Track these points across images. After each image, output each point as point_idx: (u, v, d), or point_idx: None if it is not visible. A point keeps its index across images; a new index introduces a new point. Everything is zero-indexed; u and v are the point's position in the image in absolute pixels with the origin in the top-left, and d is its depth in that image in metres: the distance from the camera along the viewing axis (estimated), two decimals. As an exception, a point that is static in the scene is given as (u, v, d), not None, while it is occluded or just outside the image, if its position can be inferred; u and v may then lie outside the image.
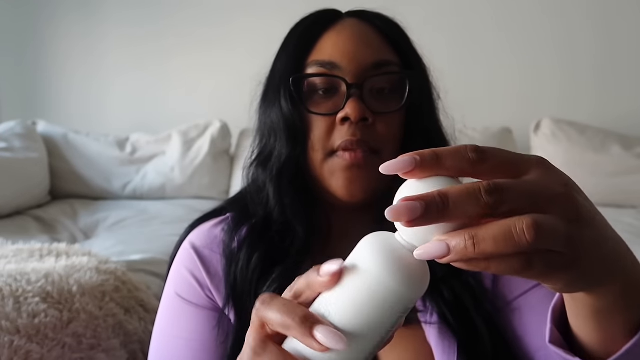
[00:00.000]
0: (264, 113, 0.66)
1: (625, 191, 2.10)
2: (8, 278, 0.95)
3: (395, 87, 0.61)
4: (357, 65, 0.60)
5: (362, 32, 0.62)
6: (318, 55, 0.61)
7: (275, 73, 0.65)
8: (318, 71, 0.60)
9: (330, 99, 0.60)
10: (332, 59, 0.60)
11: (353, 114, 0.57)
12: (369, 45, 0.61)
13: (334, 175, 0.60)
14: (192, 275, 0.64)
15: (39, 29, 2.66)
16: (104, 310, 1.01)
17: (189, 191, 2.29)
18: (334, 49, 0.61)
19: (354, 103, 0.58)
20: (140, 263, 1.45)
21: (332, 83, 0.60)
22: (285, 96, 0.61)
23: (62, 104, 2.71)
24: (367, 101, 0.59)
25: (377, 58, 0.61)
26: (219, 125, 2.35)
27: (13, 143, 2.11)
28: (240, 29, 2.49)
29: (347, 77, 0.59)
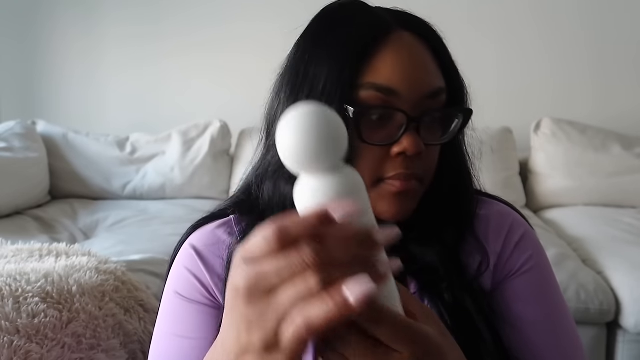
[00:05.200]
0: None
1: (625, 191, 2.10)
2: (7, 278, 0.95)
3: (446, 117, 0.58)
4: (416, 94, 0.55)
5: (419, 53, 0.57)
6: (374, 76, 0.54)
7: (311, 80, 0.57)
8: (375, 96, 0.54)
9: (384, 128, 0.55)
10: (391, 85, 0.54)
11: (411, 149, 0.54)
12: (427, 70, 0.56)
13: (381, 200, 0.56)
14: (192, 274, 0.62)
15: (38, 29, 2.66)
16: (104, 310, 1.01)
17: (189, 191, 2.29)
18: (393, 73, 0.54)
19: (413, 138, 0.54)
20: (140, 263, 1.45)
21: (388, 109, 0.55)
22: (341, 104, 0.54)
23: (61, 103, 2.71)
24: (422, 133, 0.55)
25: (434, 85, 0.56)
26: (219, 125, 2.35)
27: (13, 143, 2.11)
28: (240, 29, 2.49)
29: (406, 107, 0.54)
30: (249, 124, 2.39)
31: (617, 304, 1.53)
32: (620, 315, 1.52)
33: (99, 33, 2.64)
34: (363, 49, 0.55)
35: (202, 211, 0.72)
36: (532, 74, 2.38)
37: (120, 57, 2.63)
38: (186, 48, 2.55)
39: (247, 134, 2.36)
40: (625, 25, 2.33)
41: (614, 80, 2.35)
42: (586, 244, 1.79)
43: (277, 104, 0.59)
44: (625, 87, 2.35)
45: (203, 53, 2.54)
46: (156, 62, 2.60)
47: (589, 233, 1.86)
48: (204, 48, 2.54)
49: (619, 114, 2.33)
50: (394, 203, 0.56)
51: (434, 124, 0.57)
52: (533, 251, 0.64)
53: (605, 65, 2.35)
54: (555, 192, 2.15)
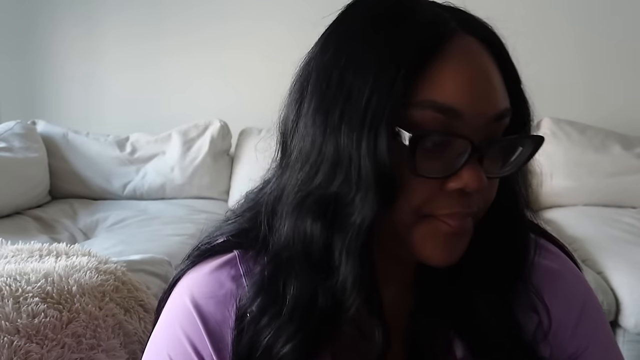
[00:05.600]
0: (320, 134, 0.45)
1: (625, 191, 2.10)
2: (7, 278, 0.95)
3: (510, 144, 0.48)
4: (482, 117, 0.44)
5: (486, 64, 0.46)
6: (434, 91, 0.43)
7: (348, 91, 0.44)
8: (433, 118, 0.43)
9: (440, 156, 0.44)
10: (454, 104, 0.43)
11: (472, 185, 0.43)
12: (494, 86, 0.45)
13: (429, 240, 0.46)
14: (190, 343, 0.50)
15: (38, 29, 2.66)
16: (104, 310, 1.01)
17: (189, 191, 2.29)
18: (457, 89, 0.43)
19: (475, 172, 0.43)
20: (140, 263, 1.45)
21: (446, 133, 0.44)
22: (385, 142, 0.42)
23: (61, 103, 2.71)
24: (484, 164, 0.44)
25: (500, 106, 0.45)
26: (219, 125, 2.35)
27: (12, 143, 2.11)
28: (240, 29, 2.49)
29: (468, 132, 0.43)
30: (249, 124, 2.39)
31: (617, 304, 1.53)
32: (620, 315, 1.53)
33: (99, 33, 2.64)
34: (421, 56, 0.43)
35: (202, 211, 0.69)
36: (532, 74, 2.38)
37: (121, 57, 2.63)
38: (186, 48, 2.55)
39: (247, 133, 2.36)
40: (627, 24, 2.33)
41: (614, 80, 2.35)
42: (586, 244, 1.79)
43: (297, 116, 0.47)
44: (625, 87, 2.35)
45: (203, 53, 2.54)
46: (156, 62, 2.60)
47: (589, 233, 1.86)
48: (204, 48, 2.54)
49: (619, 114, 2.33)
50: (445, 246, 0.46)
51: (496, 153, 0.47)
52: (600, 325, 0.56)
53: (605, 65, 2.35)
54: (555, 192, 2.15)
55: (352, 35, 0.46)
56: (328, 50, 0.46)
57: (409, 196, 0.44)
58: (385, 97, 0.42)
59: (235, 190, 2.30)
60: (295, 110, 0.48)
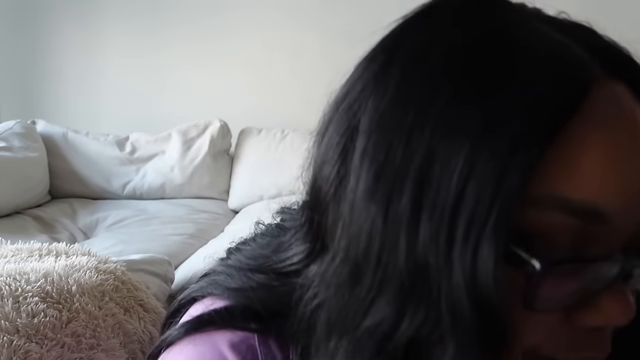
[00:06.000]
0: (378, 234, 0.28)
1: (625, 191, 2.11)
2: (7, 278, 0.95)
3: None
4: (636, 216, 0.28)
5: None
6: (567, 183, 0.27)
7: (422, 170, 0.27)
8: (564, 224, 0.27)
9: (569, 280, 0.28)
10: (600, 204, 0.27)
11: (618, 321, 0.28)
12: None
13: None
14: None
15: (37, 29, 2.66)
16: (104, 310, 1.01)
17: (189, 191, 2.29)
18: (608, 178, 0.27)
19: (623, 301, 0.28)
20: (139, 263, 1.45)
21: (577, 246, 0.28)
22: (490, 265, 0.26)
23: (61, 103, 2.71)
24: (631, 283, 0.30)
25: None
26: (219, 124, 2.35)
27: (12, 142, 2.11)
28: (240, 28, 2.49)
29: (618, 243, 0.28)
30: (249, 124, 2.39)
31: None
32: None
33: (98, 33, 2.64)
34: (547, 125, 0.26)
35: (201, 211, 0.66)
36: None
37: (120, 57, 2.63)
38: (186, 48, 2.55)
39: (247, 133, 2.36)
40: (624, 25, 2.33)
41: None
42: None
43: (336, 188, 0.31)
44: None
45: (203, 53, 2.54)
46: (156, 62, 2.60)
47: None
48: (204, 47, 2.54)
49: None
50: None
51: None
52: None
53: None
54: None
55: (426, 79, 0.28)
56: (386, 94, 0.29)
57: (521, 336, 0.29)
58: (489, 192, 0.26)
59: (235, 190, 2.30)
60: (335, 176, 0.31)
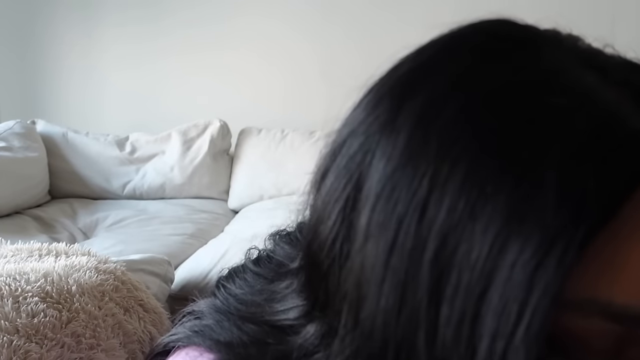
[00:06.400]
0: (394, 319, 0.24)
1: (625, 191, 2.11)
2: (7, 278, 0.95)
3: None
4: None
5: None
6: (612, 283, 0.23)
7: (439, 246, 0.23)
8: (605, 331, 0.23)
9: None
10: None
11: None
12: None
13: None
14: None
15: (38, 29, 2.66)
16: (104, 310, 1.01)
17: (189, 191, 2.29)
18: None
19: None
20: (139, 263, 1.45)
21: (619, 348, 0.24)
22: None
23: (61, 103, 2.71)
24: None
25: None
26: (219, 124, 2.35)
27: (12, 142, 2.11)
28: (240, 28, 2.49)
29: None
30: (249, 124, 2.39)
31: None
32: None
33: (99, 32, 2.64)
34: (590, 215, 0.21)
35: (201, 211, 0.66)
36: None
37: (120, 57, 2.63)
38: (186, 47, 2.55)
39: (247, 133, 2.36)
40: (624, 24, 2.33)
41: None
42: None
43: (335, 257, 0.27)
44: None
45: (203, 52, 2.54)
46: (156, 62, 2.60)
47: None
48: (204, 47, 2.54)
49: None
50: None
51: None
52: None
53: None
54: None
55: (443, 141, 0.24)
56: (394, 150, 0.25)
57: None
58: (519, 296, 0.21)
59: (234, 190, 2.30)
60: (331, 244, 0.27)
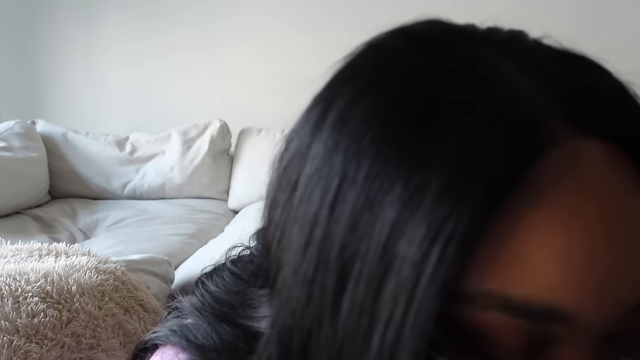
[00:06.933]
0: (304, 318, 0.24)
1: (625, 191, 2.11)
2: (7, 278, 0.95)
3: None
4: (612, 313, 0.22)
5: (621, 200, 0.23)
6: (509, 277, 0.21)
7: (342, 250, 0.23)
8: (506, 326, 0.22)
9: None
10: (555, 302, 0.21)
11: None
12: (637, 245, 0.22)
13: None
14: None
15: (37, 28, 2.66)
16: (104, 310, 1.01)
17: (189, 191, 2.29)
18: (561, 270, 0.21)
19: None
20: (139, 263, 1.45)
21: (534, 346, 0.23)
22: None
23: (61, 103, 2.71)
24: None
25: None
26: (219, 124, 2.35)
27: (12, 142, 2.11)
28: (240, 27, 2.49)
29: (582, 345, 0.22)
30: (249, 124, 2.39)
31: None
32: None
33: (98, 32, 2.64)
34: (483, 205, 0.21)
35: (201, 211, 0.65)
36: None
37: (120, 57, 2.63)
38: (186, 47, 2.55)
39: (247, 133, 2.36)
40: (624, 25, 2.33)
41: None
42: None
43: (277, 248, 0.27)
44: (625, 87, 2.35)
45: (203, 52, 2.54)
46: (156, 62, 2.60)
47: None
48: (204, 47, 2.53)
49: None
50: None
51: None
52: None
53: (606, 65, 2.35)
54: None
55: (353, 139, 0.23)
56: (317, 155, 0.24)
57: None
58: (407, 288, 0.21)
59: (234, 190, 2.30)
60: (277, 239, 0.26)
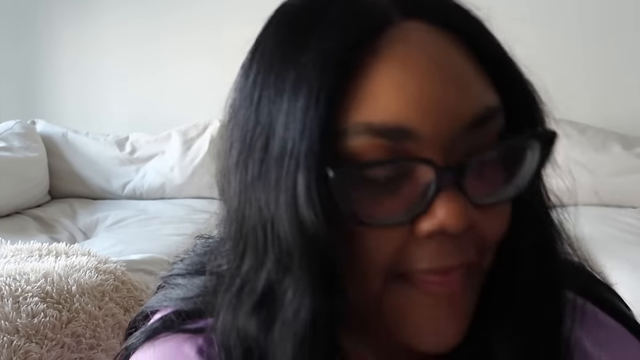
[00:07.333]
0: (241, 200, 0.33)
1: (625, 191, 2.10)
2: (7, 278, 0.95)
3: (508, 153, 0.34)
4: (449, 129, 0.31)
5: (444, 56, 0.32)
6: (367, 110, 0.30)
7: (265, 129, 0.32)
8: (373, 145, 0.30)
9: (397, 193, 0.31)
10: (401, 122, 0.30)
11: (452, 223, 0.30)
12: (460, 82, 0.32)
13: (406, 316, 0.32)
14: None
15: (37, 28, 2.66)
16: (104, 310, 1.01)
17: (189, 191, 2.29)
18: (402, 99, 0.30)
19: (453, 204, 0.30)
20: (139, 263, 1.45)
21: (399, 162, 0.31)
22: (311, 197, 0.29)
23: (61, 103, 2.71)
24: (469, 189, 0.31)
25: (477, 106, 0.32)
26: (219, 124, 2.34)
27: (12, 142, 2.11)
28: (241, 27, 2.48)
29: (431, 153, 0.30)
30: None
31: (617, 304, 1.52)
32: (620, 315, 1.52)
33: (98, 33, 2.63)
34: (343, 66, 0.30)
35: (201, 211, 0.66)
36: (532, 74, 2.38)
37: (120, 57, 2.63)
38: (186, 47, 2.55)
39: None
40: (625, 25, 2.33)
41: (613, 80, 2.35)
42: (586, 244, 1.79)
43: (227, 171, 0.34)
44: (625, 87, 2.35)
45: (203, 52, 2.54)
46: (156, 62, 2.60)
47: (589, 233, 1.86)
48: (204, 47, 2.53)
49: (619, 113, 2.33)
50: (430, 316, 0.32)
51: (488, 169, 0.33)
52: None
53: (604, 64, 2.35)
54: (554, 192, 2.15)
55: (264, 53, 0.35)
56: (247, 75, 0.35)
57: (366, 252, 0.31)
58: (300, 131, 0.30)
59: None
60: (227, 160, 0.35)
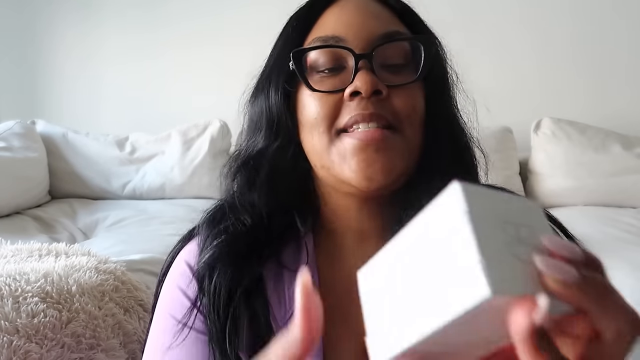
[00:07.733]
0: (255, 104, 0.62)
1: (625, 191, 2.10)
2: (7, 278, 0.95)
3: (409, 58, 0.54)
4: (365, 37, 0.53)
5: (367, 4, 0.55)
6: (319, 31, 0.55)
7: (269, 60, 0.60)
8: (324, 53, 0.54)
9: (337, 76, 0.53)
10: (336, 33, 0.53)
11: (364, 86, 0.50)
12: (376, 16, 0.55)
13: (345, 159, 0.51)
14: (185, 296, 0.56)
15: (38, 29, 2.66)
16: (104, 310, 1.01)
17: (189, 191, 2.29)
18: (338, 23, 0.54)
19: (364, 75, 0.50)
20: (139, 263, 1.45)
21: (337, 60, 0.53)
22: (281, 77, 0.56)
23: (61, 103, 2.71)
24: (378, 73, 0.51)
25: (385, 29, 0.54)
26: (219, 124, 2.34)
27: (12, 142, 2.10)
28: (240, 26, 2.49)
29: (355, 48, 0.52)
30: (249, 124, 2.39)
31: (617, 304, 1.52)
32: (620, 315, 1.52)
33: (98, 32, 2.64)
34: (311, 14, 0.57)
35: (202, 211, 0.67)
36: (532, 74, 2.38)
37: (120, 57, 2.63)
38: (186, 47, 2.55)
39: (247, 133, 2.36)
40: (629, 24, 2.33)
41: (614, 79, 2.35)
42: (586, 244, 1.79)
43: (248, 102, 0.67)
44: (625, 86, 2.35)
45: (203, 52, 2.54)
46: (156, 61, 2.60)
47: (589, 233, 1.86)
48: (204, 47, 2.53)
49: (619, 113, 2.33)
50: (360, 158, 0.50)
51: (396, 68, 0.53)
52: None
53: (605, 64, 2.35)
54: (555, 192, 2.14)
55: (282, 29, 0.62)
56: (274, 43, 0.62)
57: (317, 114, 0.53)
58: (284, 49, 0.56)
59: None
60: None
